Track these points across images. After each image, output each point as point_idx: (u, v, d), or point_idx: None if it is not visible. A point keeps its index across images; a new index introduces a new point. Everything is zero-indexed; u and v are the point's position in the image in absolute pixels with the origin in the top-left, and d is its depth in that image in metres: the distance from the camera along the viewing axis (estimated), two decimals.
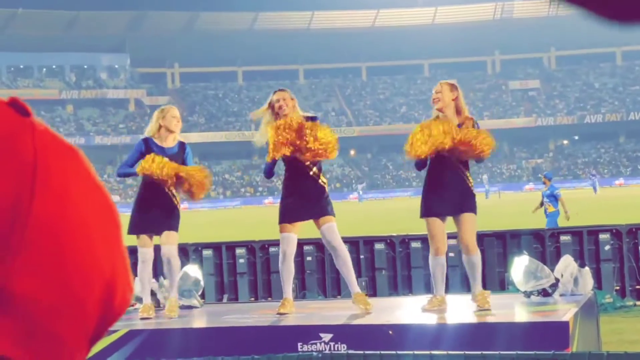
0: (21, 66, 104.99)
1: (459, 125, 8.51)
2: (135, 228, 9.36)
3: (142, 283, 9.39)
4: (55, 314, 0.66)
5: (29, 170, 0.66)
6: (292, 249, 8.90)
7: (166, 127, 9.49)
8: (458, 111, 8.64)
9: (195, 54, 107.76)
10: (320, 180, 8.82)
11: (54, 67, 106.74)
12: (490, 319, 7.99)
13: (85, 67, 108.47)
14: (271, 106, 8.97)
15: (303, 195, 8.74)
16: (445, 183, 8.51)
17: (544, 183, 21.02)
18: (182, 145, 9.51)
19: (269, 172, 9.02)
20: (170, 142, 9.47)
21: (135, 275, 9.50)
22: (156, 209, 9.31)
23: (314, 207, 8.73)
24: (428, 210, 8.62)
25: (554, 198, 20.49)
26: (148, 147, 9.43)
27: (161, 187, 9.29)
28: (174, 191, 9.38)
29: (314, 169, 8.79)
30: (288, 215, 8.83)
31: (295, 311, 9.01)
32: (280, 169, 9.23)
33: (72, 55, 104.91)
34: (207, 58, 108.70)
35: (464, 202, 8.52)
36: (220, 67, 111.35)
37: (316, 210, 8.75)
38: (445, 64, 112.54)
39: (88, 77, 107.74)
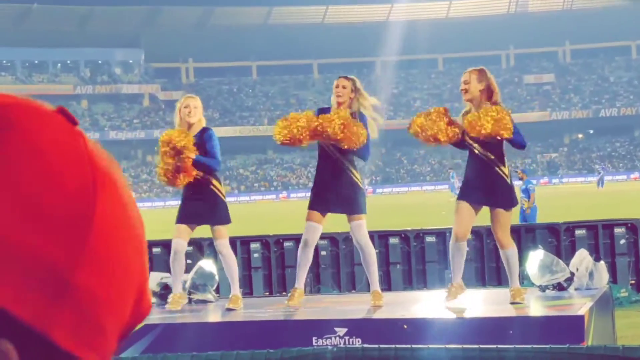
0: (36, 61, 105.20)
1: None
2: (178, 218, 9.31)
3: (173, 273, 9.31)
4: (105, 309, 0.71)
5: (89, 172, 0.72)
6: (314, 238, 8.89)
7: (182, 119, 9.45)
8: (489, 98, 8.53)
9: (209, 49, 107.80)
10: (354, 175, 8.79)
11: (68, 62, 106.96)
12: (505, 313, 7.98)
13: (100, 62, 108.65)
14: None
15: (337, 187, 8.71)
16: (479, 173, 8.43)
17: (521, 178, 20.77)
18: (203, 130, 9.37)
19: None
20: (194, 131, 9.35)
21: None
22: (199, 201, 9.18)
23: (348, 201, 8.71)
24: (463, 193, 8.58)
25: (527, 193, 20.46)
26: None
27: (204, 179, 9.20)
28: (217, 184, 9.29)
29: (346, 163, 8.76)
30: (319, 205, 8.80)
31: (310, 305, 9.02)
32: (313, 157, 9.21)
33: (86, 50, 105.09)
34: (221, 53, 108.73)
35: (499, 196, 8.42)
36: (235, 62, 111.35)
37: (350, 206, 8.72)
38: (460, 58, 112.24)
39: (102, 72, 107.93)
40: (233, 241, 15.08)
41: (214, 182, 9.25)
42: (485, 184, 8.42)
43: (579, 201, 45.42)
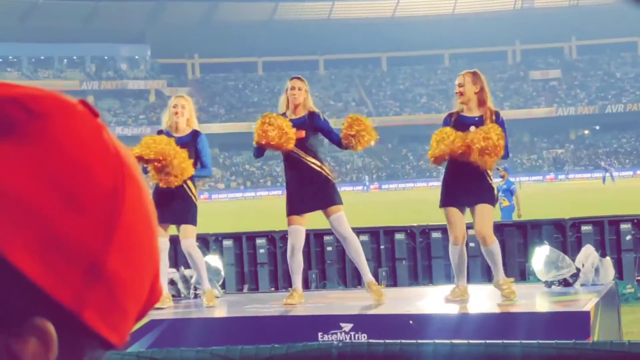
0: (42, 57, 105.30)
1: (481, 118, 8.47)
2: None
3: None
4: (129, 293, 0.77)
5: (119, 165, 0.76)
6: (300, 242, 8.89)
7: (169, 118, 9.37)
8: (481, 103, 8.54)
9: (215, 45, 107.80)
10: (322, 170, 8.79)
11: (74, 58, 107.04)
12: (511, 308, 7.98)
13: (106, 58, 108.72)
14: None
15: (307, 186, 8.72)
16: (464, 174, 8.46)
17: (502, 176, 20.60)
18: (194, 134, 9.25)
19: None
20: (182, 132, 9.27)
21: None
22: (172, 201, 9.18)
23: (320, 197, 8.72)
24: (446, 199, 8.57)
25: (509, 193, 20.35)
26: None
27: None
28: (189, 183, 9.25)
29: (310, 158, 8.76)
30: (295, 207, 8.82)
31: (315, 301, 9.03)
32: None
33: (92, 46, 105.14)
34: (227, 49, 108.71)
35: (480, 193, 8.47)
36: (240, 58, 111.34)
37: (323, 200, 8.74)
38: (466, 54, 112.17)
39: (108, 68, 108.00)
40: (239, 237, 15.13)
41: (189, 183, 9.20)
42: (474, 183, 8.44)
43: (584, 197, 45.37)
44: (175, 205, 9.14)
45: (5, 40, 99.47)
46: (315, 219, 9.19)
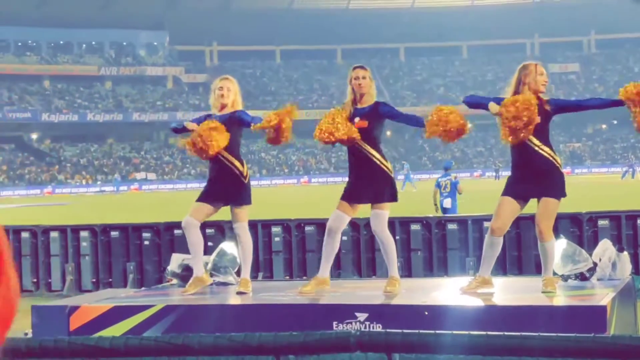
0: (61, 42, 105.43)
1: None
2: (200, 196, 9.31)
3: (192, 252, 9.29)
4: (2, 323, 0.81)
5: None
6: (337, 225, 8.87)
7: (216, 99, 9.39)
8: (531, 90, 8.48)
9: (233, 32, 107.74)
10: (381, 163, 8.75)
11: (93, 43, 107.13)
12: (527, 302, 7.95)
13: (125, 44, 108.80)
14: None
15: (363, 178, 8.71)
16: (527, 164, 8.31)
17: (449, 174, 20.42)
18: (234, 113, 9.24)
19: None
20: (225, 111, 9.31)
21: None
22: (219, 181, 9.18)
23: (370, 191, 8.71)
24: (505, 188, 8.45)
25: (454, 187, 20.23)
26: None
27: (223, 160, 9.15)
28: (239, 166, 9.22)
29: (371, 150, 8.73)
30: (346, 194, 8.82)
31: (330, 290, 9.01)
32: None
33: (111, 32, 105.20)
34: (246, 36, 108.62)
35: (545, 185, 8.31)
36: (259, 46, 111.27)
37: (371, 195, 8.73)
38: (484, 46, 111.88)
39: (127, 54, 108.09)
40: (254, 224, 15.12)
41: (237, 164, 9.19)
42: (539, 174, 8.29)
43: (601, 192, 45.22)
44: (226, 185, 9.13)
45: (25, 25, 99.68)
46: (319, 210, 9.15)
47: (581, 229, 13.70)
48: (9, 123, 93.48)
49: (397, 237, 14.55)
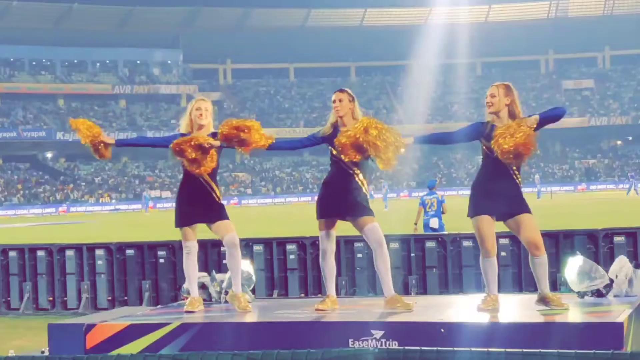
0: (75, 61, 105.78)
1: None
2: (179, 220, 9.38)
3: (187, 276, 9.45)
4: None
5: None
6: (332, 246, 8.96)
7: (193, 121, 9.42)
8: (512, 115, 8.53)
9: (247, 51, 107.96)
10: (360, 182, 8.82)
11: (107, 62, 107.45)
12: (543, 319, 7.94)
13: (138, 62, 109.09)
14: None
15: (339, 193, 8.76)
16: (497, 181, 8.41)
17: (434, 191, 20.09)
18: (214, 135, 9.24)
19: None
20: (203, 133, 9.31)
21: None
22: (198, 200, 9.24)
23: (354, 206, 8.75)
24: (476, 208, 8.50)
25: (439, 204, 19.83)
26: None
27: (200, 179, 9.25)
28: (213, 184, 9.31)
29: (355, 169, 8.80)
30: (327, 213, 8.88)
31: (346, 307, 9.02)
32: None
33: (125, 50, 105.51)
34: (259, 54, 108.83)
35: (519, 203, 8.42)
36: (272, 64, 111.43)
37: (352, 210, 8.78)
38: (498, 63, 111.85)
39: (141, 73, 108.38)
40: (269, 242, 15.15)
41: (212, 184, 9.29)
42: (509, 193, 8.38)
43: (617, 208, 45.09)
44: (203, 204, 9.22)
45: (40, 44, 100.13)
46: (346, 226, 9.19)
47: (597, 245, 13.67)
48: (24, 142, 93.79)
49: (413, 255, 14.55)
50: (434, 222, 19.22)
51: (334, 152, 8.94)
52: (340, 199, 8.79)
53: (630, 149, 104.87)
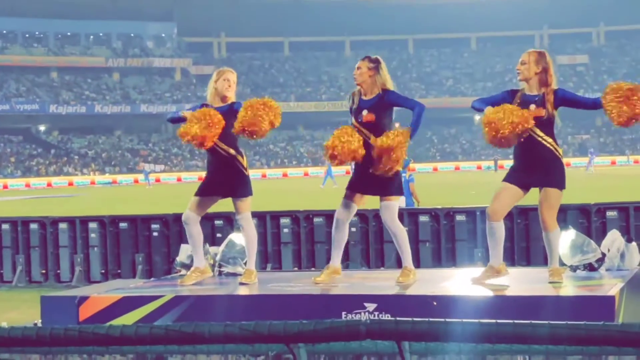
0: (68, 33, 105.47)
1: (541, 97, 8.38)
2: (198, 189, 9.34)
3: (191, 246, 9.39)
4: None
5: None
6: (347, 217, 8.92)
7: (218, 90, 9.38)
8: (543, 84, 8.45)
9: (242, 24, 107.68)
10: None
11: (101, 34, 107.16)
12: (535, 292, 7.96)
13: (132, 35, 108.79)
14: None
15: (366, 168, 8.70)
16: (529, 153, 8.27)
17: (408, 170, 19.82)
18: (232, 104, 9.22)
19: None
20: (223, 103, 9.30)
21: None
22: (218, 173, 9.22)
23: (376, 183, 8.70)
24: (507, 175, 8.43)
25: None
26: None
27: (222, 152, 9.17)
28: (240, 159, 9.26)
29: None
30: (353, 184, 8.85)
31: (339, 281, 9.03)
32: None
33: (119, 23, 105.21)
34: (254, 28, 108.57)
35: (547, 175, 8.29)
36: (267, 37, 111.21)
37: (378, 188, 8.74)
38: (493, 38, 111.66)
39: (135, 46, 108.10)
40: (263, 216, 15.15)
41: (238, 157, 9.23)
42: (539, 163, 8.29)
43: (608, 182, 45.20)
44: (227, 178, 9.16)
45: (32, 16, 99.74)
46: (328, 201, 9.18)
47: (589, 220, 13.70)
48: (17, 115, 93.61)
49: (406, 229, 14.56)
50: (400, 201, 19.11)
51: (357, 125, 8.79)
52: (373, 176, 8.68)
53: None
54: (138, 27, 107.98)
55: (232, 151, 9.17)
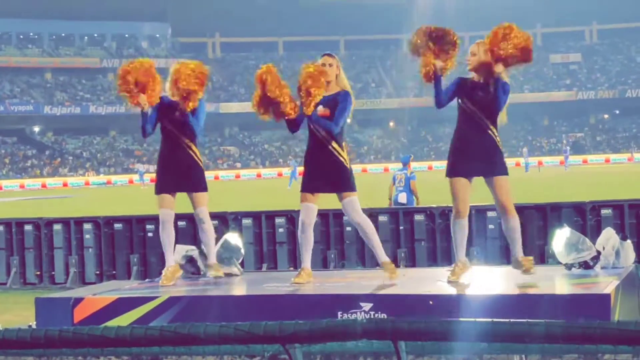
0: (63, 34, 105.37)
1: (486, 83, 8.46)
2: (157, 187, 9.31)
3: (163, 244, 9.38)
4: None
5: None
6: (310, 219, 8.89)
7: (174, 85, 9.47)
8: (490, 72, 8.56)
9: (236, 24, 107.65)
10: (339, 155, 8.73)
11: (95, 35, 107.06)
12: (531, 290, 7.95)
13: (127, 35, 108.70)
14: None
15: (323, 168, 8.70)
16: (473, 141, 8.36)
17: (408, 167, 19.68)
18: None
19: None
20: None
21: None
22: (177, 167, 9.21)
23: (334, 181, 8.71)
24: (453, 169, 8.44)
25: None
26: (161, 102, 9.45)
27: (180, 142, 9.21)
28: (194, 148, 9.28)
29: (332, 142, 8.72)
30: (309, 186, 8.82)
31: (335, 280, 9.02)
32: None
33: (113, 24, 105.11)
34: (248, 28, 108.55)
35: (495, 164, 8.38)
36: (261, 37, 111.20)
37: (337, 185, 8.74)
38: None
39: (129, 46, 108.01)
40: (258, 215, 15.14)
41: (193, 147, 9.26)
42: (485, 153, 8.33)
43: (603, 180, 45.22)
44: (183, 172, 9.18)
45: (27, 17, 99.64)
46: (322, 201, 9.15)
47: (584, 218, 13.70)
48: (12, 116, 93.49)
49: (402, 227, 14.56)
50: (402, 197, 19.07)
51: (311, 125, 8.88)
52: (321, 172, 8.75)
53: (617, 123, 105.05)
54: (132, 28, 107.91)
55: (192, 145, 9.23)
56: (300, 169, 10.29)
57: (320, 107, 8.76)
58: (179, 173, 9.19)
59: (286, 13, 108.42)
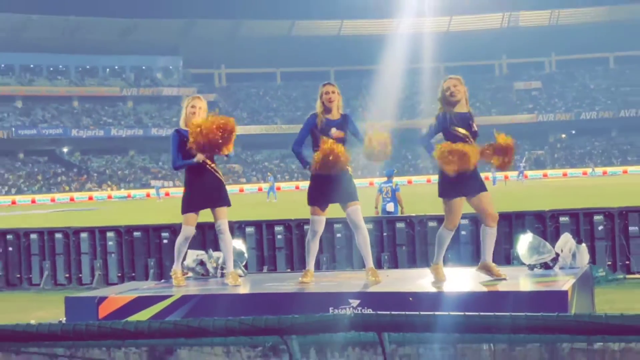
0: (87, 67, 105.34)
1: (468, 115, 8.47)
2: (186, 207, 9.20)
3: (178, 253, 9.30)
4: None
5: None
6: (322, 230, 8.95)
7: (187, 117, 9.16)
8: (466, 103, 8.65)
9: (239, 57, 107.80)
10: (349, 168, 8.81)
11: (116, 67, 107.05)
12: (498, 287, 7.97)
13: (144, 68, 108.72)
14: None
15: (332, 181, 8.71)
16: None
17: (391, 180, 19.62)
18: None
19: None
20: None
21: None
22: (204, 187, 9.10)
23: (343, 192, 8.72)
24: (452, 191, 8.39)
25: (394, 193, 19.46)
26: (181, 136, 9.09)
27: (205, 165, 9.11)
28: (216, 167, 9.21)
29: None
30: (317, 200, 8.82)
31: (327, 280, 9.03)
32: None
33: (131, 57, 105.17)
34: (250, 60, 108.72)
35: (482, 182, 8.45)
36: (262, 69, 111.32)
37: (344, 195, 8.75)
38: (459, 67, 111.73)
39: (146, 77, 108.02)
40: (259, 224, 15.13)
41: (214, 167, 9.18)
42: (475, 174, 8.40)
43: (560, 192, 45.29)
44: (213, 190, 9.06)
45: (56, 52, 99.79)
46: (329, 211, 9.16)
47: (544, 224, 13.72)
48: (43, 138, 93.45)
49: (385, 234, 14.56)
50: (389, 207, 19.15)
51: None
52: (331, 186, 8.75)
53: (574, 142, 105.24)
54: (148, 61, 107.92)
55: (216, 167, 9.17)
56: (278, 184, 10.28)
57: (333, 130, 8.76)
58: (209, 191, 9.05)
59: (283, 47, 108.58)
